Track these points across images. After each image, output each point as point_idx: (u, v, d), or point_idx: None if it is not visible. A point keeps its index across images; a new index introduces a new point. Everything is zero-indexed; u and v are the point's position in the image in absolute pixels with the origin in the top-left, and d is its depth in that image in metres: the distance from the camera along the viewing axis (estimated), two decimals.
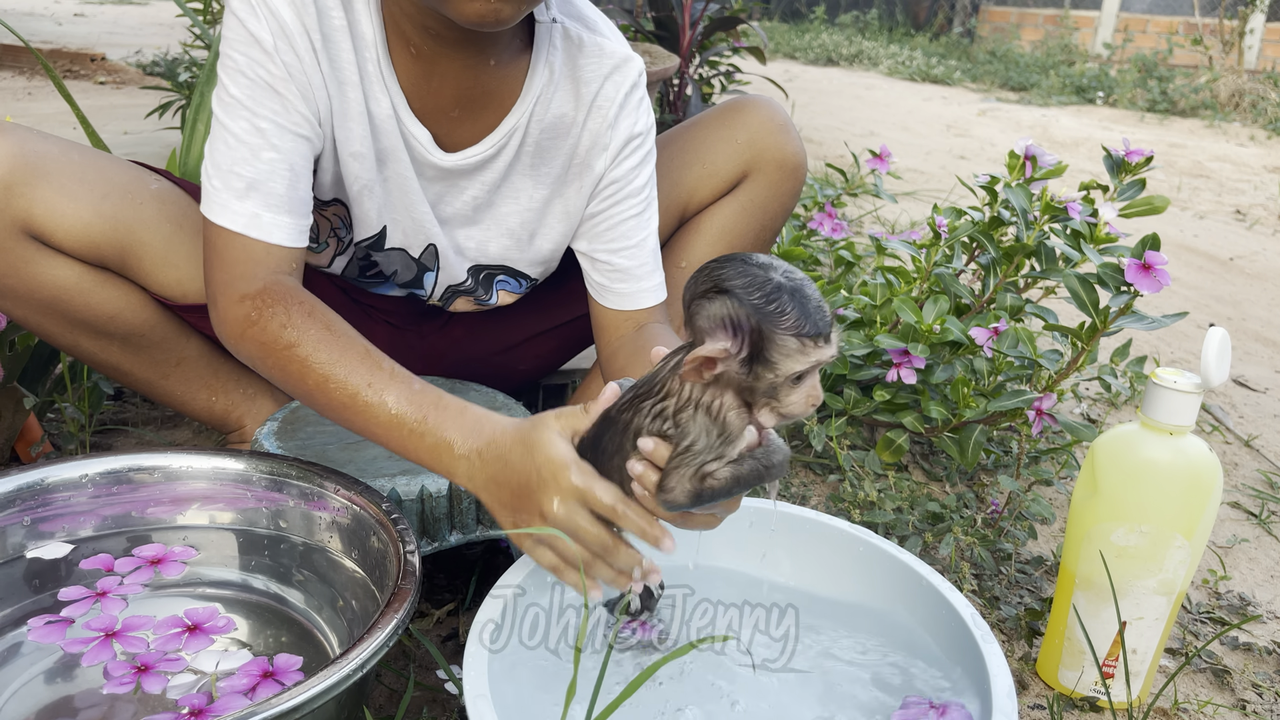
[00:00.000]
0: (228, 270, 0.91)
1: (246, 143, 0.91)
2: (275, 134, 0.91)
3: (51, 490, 0.91)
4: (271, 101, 0.91)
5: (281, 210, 0.92)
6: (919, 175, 3.80)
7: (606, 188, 1.08)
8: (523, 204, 1.09)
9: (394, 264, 1.11)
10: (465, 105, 1.01)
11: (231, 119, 0.91)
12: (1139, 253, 1.19)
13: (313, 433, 1.05)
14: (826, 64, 8.64)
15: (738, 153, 1.19)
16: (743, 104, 1.22)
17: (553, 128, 1.05)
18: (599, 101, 1.05)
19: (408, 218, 1.06)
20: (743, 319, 0.68)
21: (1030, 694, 0.99)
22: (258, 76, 0.91)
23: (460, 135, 1.03)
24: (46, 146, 0.99)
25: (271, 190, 0.91)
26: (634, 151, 1.07)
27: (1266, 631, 1.14)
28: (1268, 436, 1.72)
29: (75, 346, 1.08)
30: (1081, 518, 0.95)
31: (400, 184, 1.03)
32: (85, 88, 4.43)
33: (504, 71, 1.02)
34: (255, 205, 0.91)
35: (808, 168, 1.30)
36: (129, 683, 0.77)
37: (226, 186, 0.91)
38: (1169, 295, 2.53)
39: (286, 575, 0.93)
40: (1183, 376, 0.89)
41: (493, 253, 1.13)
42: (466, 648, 0.75)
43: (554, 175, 1.08)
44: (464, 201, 1.08)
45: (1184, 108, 6.35)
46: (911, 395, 1.45)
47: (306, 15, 0.92)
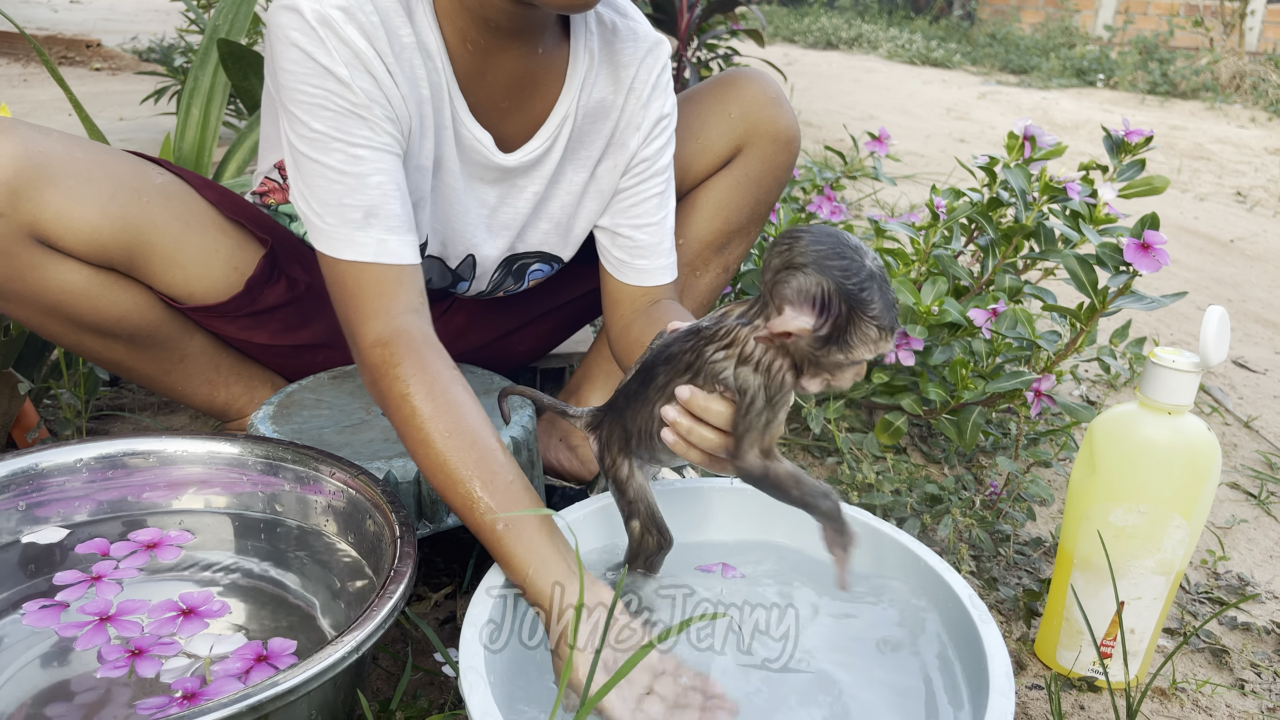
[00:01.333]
0: (362, 308, 0.89)
1: (349, 173, 0.88)
2: (374, 158, 0.89)
3: (46, 475, 0.91)
4: (360, 128, 0.89)
5: (404, 230, 0.90)
6: (918, 158, 3.79)
7: (637, 165, 1.09)
8: (564, 189, 1.10)
9: (430, 272, 1.11)
10: (514, 96, 1.01)
11: (324, 154, 0.88)
12: (1138, 232, 1.18)
13: (308, 416, 1.05)
14: (826, 47, 8.60)
15: (731, 127, 1.19)
16: (735, 77, 1.22)
17: (594, 113, 1.06)
18: (635, 84, 1.06)
19: (450, 228, 1.06)
20: (835, 302, 0.70)
21: (1028, 674, 0.99)
22: (340, 107, 0.88)
23: (513, 132, 1.03)
24: (50, 145, 0.96)
25: (390, 213, 0.89)
26: (663, 131, 1.09)
27: (1265, 611, 1.14)
28: (1267, 418, 1.71)
29: (79, 345, 1.07)
30: (1080, 498, 0.95)
31: (447, 194, 1.03)
32: (81, 74, 4.41)
33: (549, 60, 1.02)
34: (379, 232, 0.89)
35: (801, 140, 1.29)
36: (123, 666, 0.77)
37: (343, 221, 0.88)
38: (1169, 277, 2.53)
39: (283, 559, 0.92)
40: (1181, 356, 0.89)
41: (532, 241, 1.13)
42: (463, 631, 0.74)
43: (593, 158, 1.09)
44: (525, 200, 1.08)
45: (1185, 90, 6.33)
46: (910, 377, 1.45)
47: (377, 39, 0.89)
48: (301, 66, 0.87)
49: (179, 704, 0.73)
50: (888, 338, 0.72)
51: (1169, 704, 0.97)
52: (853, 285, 0.69)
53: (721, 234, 1.22)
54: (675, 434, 0.79)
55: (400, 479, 0.94)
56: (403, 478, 0.94)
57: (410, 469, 0.94)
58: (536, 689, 0.77)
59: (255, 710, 0.62)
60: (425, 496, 0.95)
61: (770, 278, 0.73)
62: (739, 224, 1.22)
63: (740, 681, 0.79)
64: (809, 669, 0.82)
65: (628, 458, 0.84)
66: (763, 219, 1.25)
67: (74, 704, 0.75)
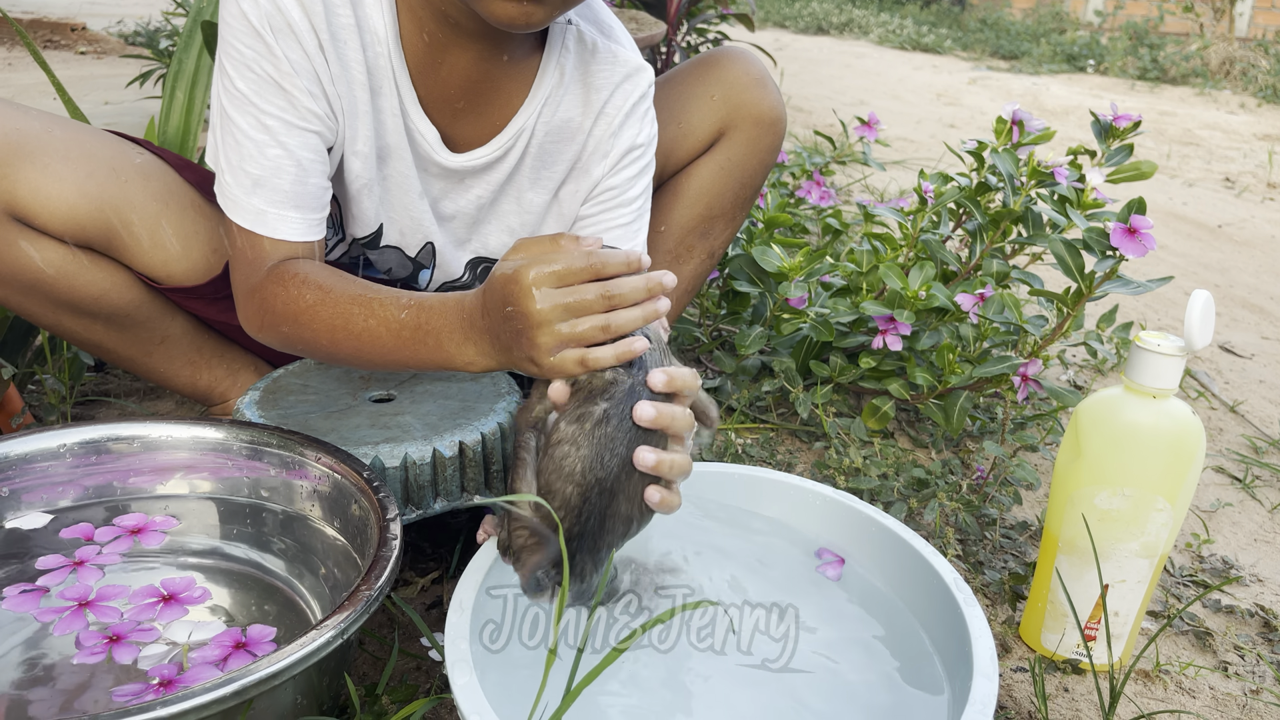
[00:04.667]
0: (241, 266, 0.94)
1: (253, 138, 0.91)
2: (281, 130, 0.91)
3: (30, 460, 0.91)
4: (277, 98, 0.90)
5: (287, 206, 0.92)
6: (908, 144, 3.79)
7: (601, 194, 1.07)
8: (523, 206, 1.08)
9: (389, 262, 1.10)
10: (472, 99, 0.99)
11: (239, 113, 0.91)
12: (1124, 217, 1.18)
13: (294, 402, 1.04)
14: (816, 32, 8.58)
15: (714, 110, 1.17)
16: (718, 57, 1.19)
17: (558, 131, 1.04)
18: (607, 109, 1.04)
19: (406, 216, 1.04)
20: None
21: (1013, 656, 1.00)
22: (263, 72, 0.89)
23: (467, 134, 1.01)
24: (28, 123, 0.96)
25: (277, 186, 0.91)
26: (633, 162, 1.06)
27: (1249, 594, 1.15)
28: (1253, 402, 1.72)
29: (58, 325, 1.06)
30: (1065, 481, 0.95)
31: (400, 182, 1.02)
32: (66, 58, 4.38)
33: (515, 68, 1.00)
34: (261, 201, 0.91)
35: (787, 121, 1.29)
36: (100, 653, 0.76)
37: (236, 183, 0.92)
38: (1157, 262, 2.53)
39: (268, 544, 0.92)
40: (1166, 339, 0.89)
41: (493, 247, 1.11)
42: (449, 616, 0.74)
43: (555, 180, 1.07)
44: (468, 200, 1.06)
45: (1175, 75, 6.33)
46: (897, 362, 1.45)
47: (314, 14, 0.90)
48: (238, 22, 0.89)
49: (155, 691, 0.73)
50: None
51: (1153, 686, 0.98)
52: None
53: (704, 220, 1.21)
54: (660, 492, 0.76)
55: (386, 464, 0.94)
56: (389, 462, 0.94)
57: (396, 454, 0.94)
58: (522, 676, 0.77)
59: (239, 694, 0.62)
60: (412, 481, 0.95)
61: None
62: (722, 209, 1.21)
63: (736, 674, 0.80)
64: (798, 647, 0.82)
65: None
66: (748, 203, 1.24)
67: (55, 689, 0.74)
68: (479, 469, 0.98)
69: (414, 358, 0.84)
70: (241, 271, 0.95)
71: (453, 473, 0.97)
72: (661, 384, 0.75)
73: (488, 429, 0.99)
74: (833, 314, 1.44)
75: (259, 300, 0.92)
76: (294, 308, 0.88)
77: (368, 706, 0.81)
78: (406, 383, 1.08)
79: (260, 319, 0.93)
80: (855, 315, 1.44)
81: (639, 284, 0.75)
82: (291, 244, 0.94)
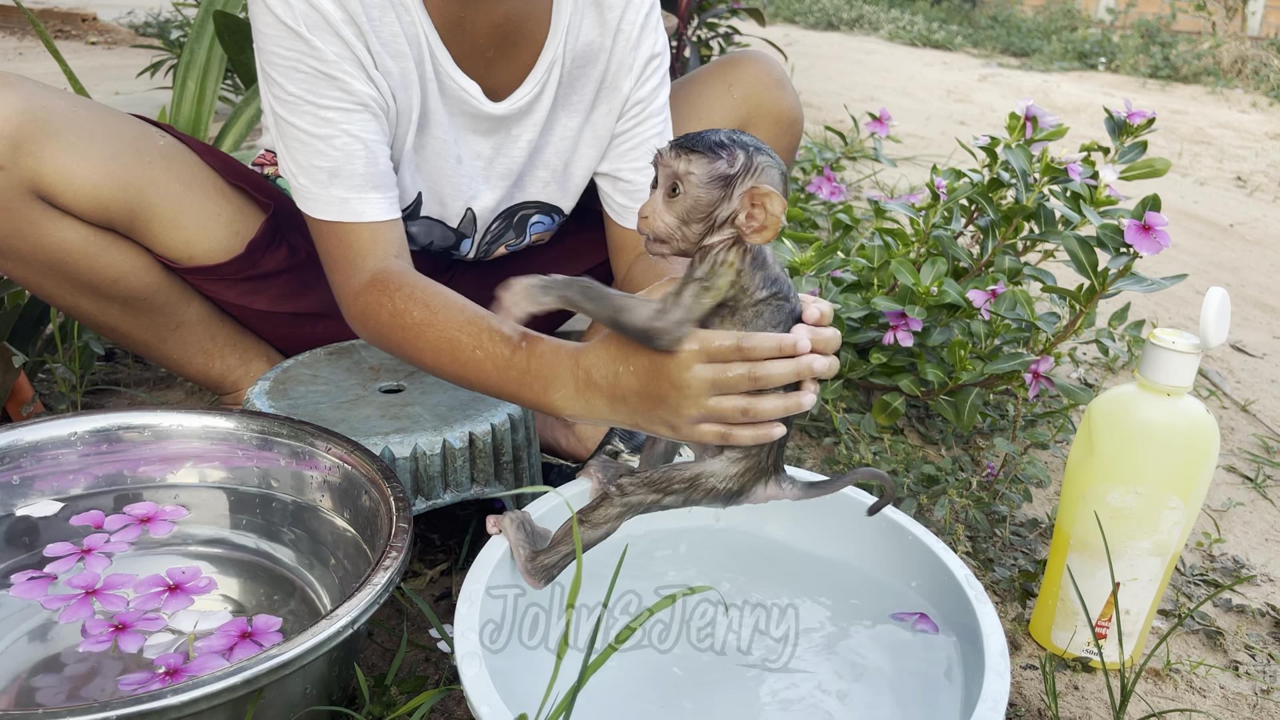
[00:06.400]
0: (339, 265, 0.95)
1: (317, 134, 0.92)
2: (341, 119, 0.92)
3: (40, 448, 0.91)
4: (330, 89, 0.91)
5: (366, 188, 0.94)
6: (919, 140, 3.77)
7: (632, 108, 1.09)
8: (558, 134, 1.10)
9: (432, 235, 1.11)
10: (500, 45, 1.01)
11: (296, 116, 0.92)
12: (1139, 213, 1.17)
13: (305, 392, 1.04)
14: (827, 28, 8.56)
15: (734, 108, 1.19)
16: (738, 59, 1.21)
17: (582, 56, 1.06)
18: (623, 25, 1.06)
19: (446, 184, 1.06)
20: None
21: (1023, 654, 0.99)
22: (311, 69, 0.91)
23: (503, 79, 1.03)
24: (55, 102, 0.96)
25: (352, 172, 0.93)
26: (655, 71, 1.08)
27: (1259, 594, 1.14)
28: (1264, 401, 1.71)
29: (75, 307, 1.07)
30: (1077, 479, 0.94)
31: (437, 149, 1.03)
32: (76, 48, 4.38)
33: (531, 6, 1.02)
34: (341, 190, 0.93)
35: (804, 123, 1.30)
36: (105, 641, 0.76)
37: (312, 181, 0.93)
38: (1168, 261, 2.52)
39: (277, 534, 0.92)
40: (1181, 337, 0.89)
41: (531, 191, 1.13)
42: (458, 607, 0.74)
43: (586, 103, 1.09)
44: (520, 148, 1.08)
45: (1186, 74, 6.30)
46: (908, 358, 1.44)
47: (347, 3, 0.90)
48: (274, 29, 0.90)
49: (161, 680, 0.73)
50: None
51: (1163, 685, 0.97)
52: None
53: None
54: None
55: (396, 455, 0.93)
56: (399, 453, 0.94)
57: (406, 445, 0.94)
58: (530, 669, 0.77)
59: (249, 684, 0.62)
60: (421, 472, 0.95)
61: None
62: None
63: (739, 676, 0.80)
64: (807, 645, 0.82)
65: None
66: None
67: (62, 676, 0.74)
68: (489, 460, 0.98)
69: (514, 396, 0.84)
70: (340, 274, 0.95)
71: (462, 464, 0.96)
72: (814, 318, 0.76)
73: (497, 420, 0.98)
74: (844, 309, 1.44)
75: (363, 306, 0.92)
76: (399, 322, 0.89)
77: (376, 697, 0.81)
78: (416, 373, 1.08)
79: (364, 325, 0.94)
80: (866, 311, 1.43)
81: (787, 369, 0.74)
82: (380, 225, 0.94)
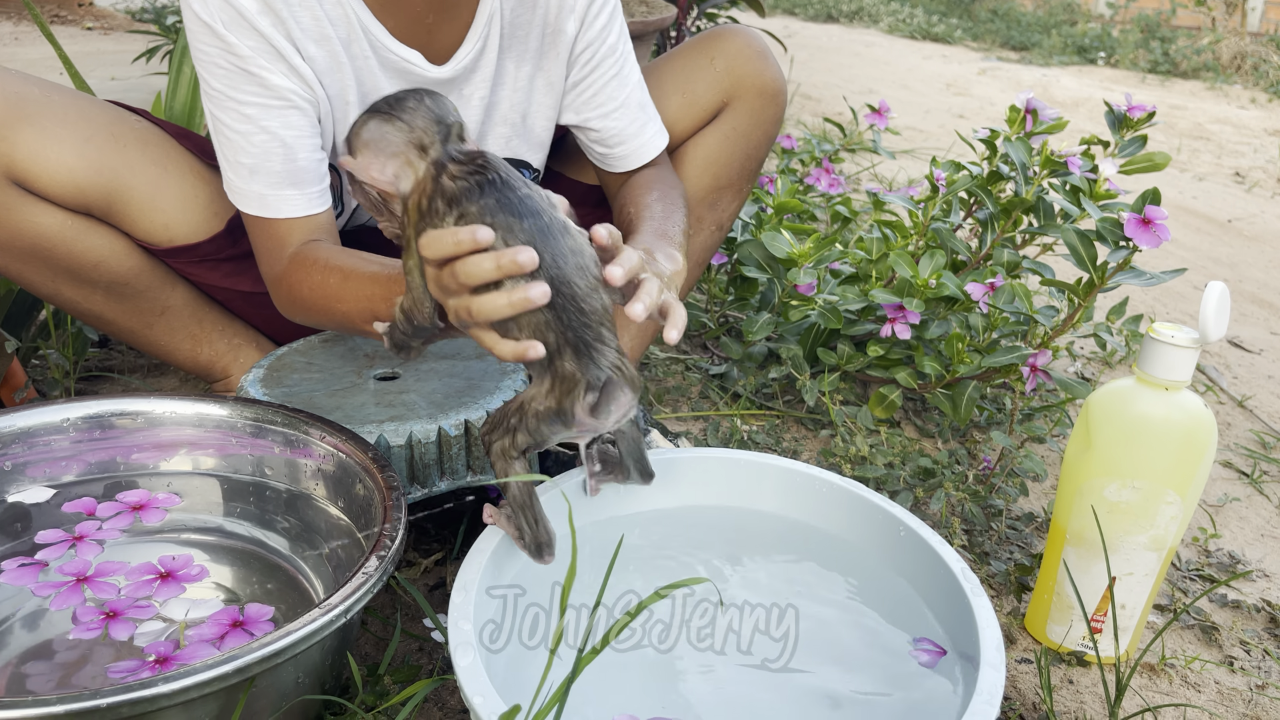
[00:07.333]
0: (263, 255, 0.99)
1: (238, 130, 0.94)
2: (261, 116, 0.93)
3: (33, 435, 0.90)
4: (247, 84, 0.92)
5: (284, 185, 0.95)
6: (918, 133, 3.77)
7: (582, 53, 1.08)
8: (509, 87, 1.09)
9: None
10: (437, 8, 1.00)
11: (221, 111, 0.94)
12: (1139, 207, 1.17)
13: (299, 379, 1.03)
14: (826, 20, 8.53)
15: (717, 80, 1.18)
16: (720, 33, 1.21)
17: (521, 3, 1.05)
18: None
19: None
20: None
21: (1018, 648, 0.99)
22: (229, 65, 0.92)
23: (444, 42, 1.03)
24: (28, 88, 0.97)
25: (270, 170, 0.94)
26: (600, 10, 1.07)
27: (1255, 589, 1.14)
28: (1261, 397, 1.71)
29: (57, 295, 1.06)
30: (1074, 473, 0.94)
31: None
32: (73, 33, 4.36)
33: None
34: (260, 186, 0.95)
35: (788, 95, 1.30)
36: (96, 629, 0.76)
37: (236, 175, 0.96)
38: (1167, 256, 2.52)
39: (271, 522, 0.92)
40: (1180, 331, 0.88)
41: (494, 149, 1.12)
42: (452, 596, 0.74)
43: (532, 49, 1.08)
44: (475, 107, 1.07)
45: (1185, 69, 6.29)
46: (905, 351, 1.44)
47: None
48: (194, 25, 0.91)
49: (151, 668, 0.72)
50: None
51: (1158, 680, 0.97)
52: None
53: (712, 190, 1.22)
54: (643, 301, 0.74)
55: (391, 443, 0.93)
56: (394, 441, 0.93)
57: (401, 433, 0.93)
58: (534, 667, 0.77)
59: (242, 672, 0.62)
60: (417, 461, 0.94)
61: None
62: (729, 179, 1.22)
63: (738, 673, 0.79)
64: (807, 645, 0.81)
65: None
66: (753, 175, 1.25)
67: (53, 663, 0.74)
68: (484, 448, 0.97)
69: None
70: (266, 261, 0.98)
71: (458, 451, 0.96)
72: (603, 239, 0.74)
73: (493, 407, 0.98)
74: (841, 301, 1.43)
75: (286, 287, 0.95)
76: (322, 293, 0.91)
77: (370, 686, 0.81)
78: (412, 361, 1.08)
79: (292, 305, 0.96)
80: (864, 303, 1.43)
81: (486, 265, 0.70)
82: (297, 220, 0.96)
